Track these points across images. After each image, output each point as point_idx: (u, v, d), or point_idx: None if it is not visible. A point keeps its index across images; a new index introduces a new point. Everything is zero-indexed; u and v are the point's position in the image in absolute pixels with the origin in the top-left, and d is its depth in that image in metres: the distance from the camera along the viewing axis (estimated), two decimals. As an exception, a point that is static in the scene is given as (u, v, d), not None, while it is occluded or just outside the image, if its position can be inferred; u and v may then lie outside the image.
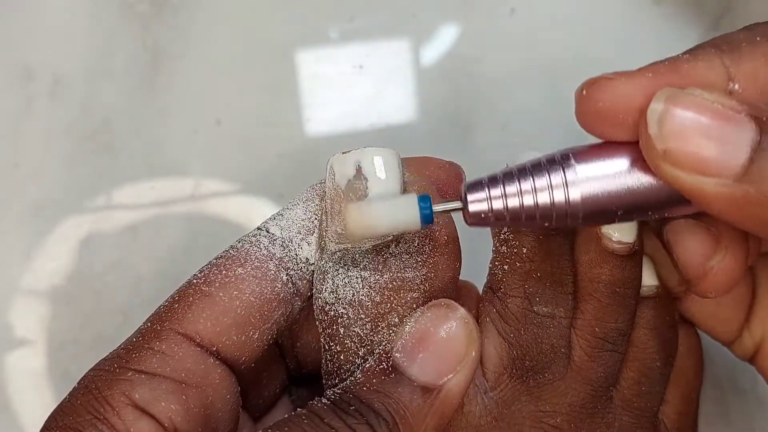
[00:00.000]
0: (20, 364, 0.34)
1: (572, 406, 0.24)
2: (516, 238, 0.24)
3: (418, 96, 0.36)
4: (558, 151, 0.20)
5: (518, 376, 0.24)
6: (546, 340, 0.24)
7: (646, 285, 0.24)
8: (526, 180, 0.19)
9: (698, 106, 0.17)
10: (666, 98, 0.18)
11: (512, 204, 0.19)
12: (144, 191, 0.35)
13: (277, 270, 0.21)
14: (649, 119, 0.18)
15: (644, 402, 0.25)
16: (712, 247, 0.21)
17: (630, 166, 0.19)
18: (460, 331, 0.20)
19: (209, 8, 0.37)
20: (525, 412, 0.24)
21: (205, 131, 0.36)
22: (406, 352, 0.20)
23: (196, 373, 0.20)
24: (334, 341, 0.22)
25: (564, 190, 0.19)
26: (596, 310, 0.24)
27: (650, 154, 0.18)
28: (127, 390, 0.19)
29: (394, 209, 0.20)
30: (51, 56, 0.36)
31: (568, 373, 0.24)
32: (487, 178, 0.20)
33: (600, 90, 0.19)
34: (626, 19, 0.37)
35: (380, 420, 0.19)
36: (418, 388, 0.20)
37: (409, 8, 0.37)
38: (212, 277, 0.20)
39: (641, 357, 0.25)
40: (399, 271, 0.21)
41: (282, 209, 0.22)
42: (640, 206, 0.19)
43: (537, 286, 0.24)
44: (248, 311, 0.20)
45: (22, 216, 0.35)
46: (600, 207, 0.19)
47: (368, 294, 0.21)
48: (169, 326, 0.20)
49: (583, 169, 0.19)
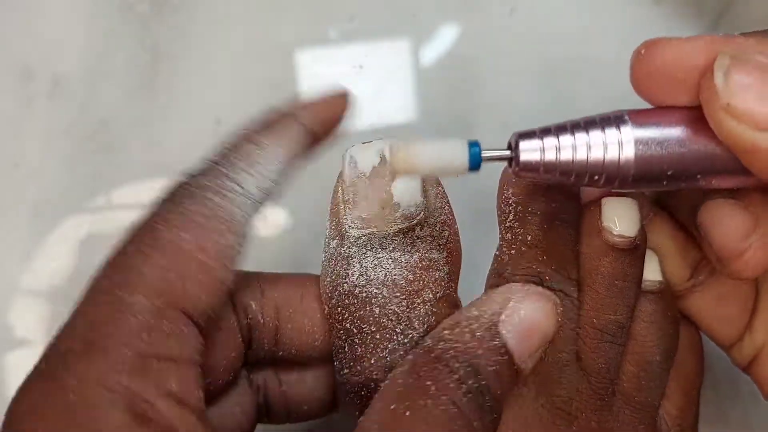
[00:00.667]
0: (20, 364, 0.34)
1: (582, 393, 0.24)
2: (521, 225, 0.24)
3: (417, 96, 0.36)
4: (611, 112, 0.20)
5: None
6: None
7: (649, 280, 0.25)
8: (580, 134, 0.19)
9: (763, 65, 0.18)
10: (732, 55, 0.18)
11: (564, 156, 0.19)
12: (144, 191, 0.35)
13: (242, 216, 0.20)
14: (716, 72, 0.18)
15: (644, 396, 0.25)
16: (751, 226, 0.21)
17: (684, 129, 0.19)
18: (552, 322, 0.20)
19: (209, 8, 0.37)
20: (540, 398, 0.24)
21: (205, 131, 0.36)
22: (515, 334, 0.20)
23: (200, 351, 0.19)
24: (367, 323, 0.22)
25: (618, 147, 0.19)
26: (594, 301, 0.24)
27: (713, 108, 0.18)
28: (160, 380, 0.17)
29: (443, 149, 0.19)
30: (51, 56, 0.36)
31: (573, 362, 0.24)
32: (539, 129, 0.20)
33: (661, 49, 0.19)
34: (626, 18, 0.37)
35: (500, 408, 0.19)
36: (516, 369, 0.20)
37: (408, 8, 0.37)
38: (206, 243, 0.19)
39: (640, 351, 0.25)
40: (427, 252, 0.22)
41: (242, 153, 0.21)
42: (689, 171, 0.19)
43: (544, 267, 0.24)
44: (225, 275, 0.19)
45: (21, 216, 0.35)
46: (651, 167, 0.19)
47: (402, 273, 0.22)
48: (172, 302, 0.18)
49: (638, 130, 0.19)
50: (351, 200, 0.22)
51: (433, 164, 0.19)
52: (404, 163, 0.19)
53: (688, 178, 0.20)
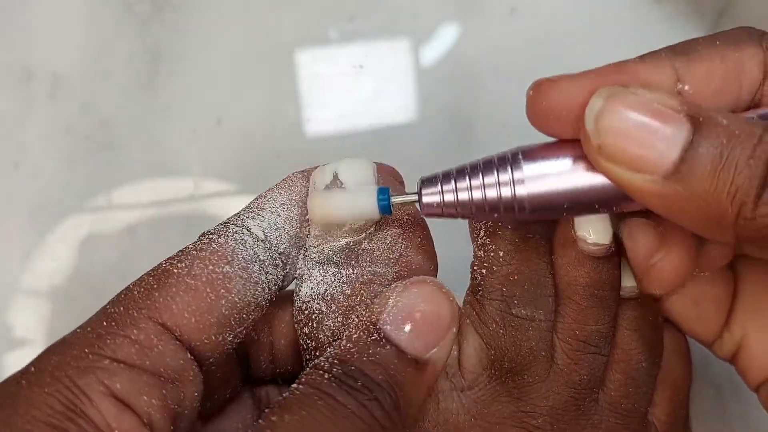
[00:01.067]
0: (20, 363, 0.33)
1: (554, 408, 0.24)
2: (493, 242, 0.24)
3: (418, 96, 0.36)
4: (510, 150, 0.21)
5: (497, 377, 0.24)
6: (525, 342, 0.24)
7: (627, 286, 0.24)
8: (477, 177, 0.21)
9: (636, 104, 0.18)
10: (606, 95, 0.18)
11: (462, 197, 0.21)
12: (144, 191, 0.35)
13: (259, 273, 0.21)
14: (587, 114, 0.18)
15: (632, 403, 0.25)
16: (656, 244, 0.22)
17: (575, 163, 0.20)
18: (445, 307, 0.20)
19: (209, 8, 0.37)
20: (506, 412, 0.24)
21: (205, 131, 0.36)
22: (396, 324, 0.20)
23: (174, 368, 0.19)
24: (310, 338, 0.22)
25: (511, 187, 0.20)
26: (575, 312, 0.24)
27: (588, 149, 0.19)
28: (106, 379, 0.17)
29: (354, 198, 0.21)
30: (51, 56, 0.36)
31: (550, 375, 0.24)
32: (442, 174, 0.21)
33: (545, 91, 0.20)
34: (627, 17, 0.37)
35: (385, 394, 0.19)
36: (412, 360, 0.20)
37: (408, 8, 0.37)
38: (197, 270, 0.20)
39: (626, 358, 0.25)
40: (369, 266, 0.22)
41: (254, 208, 0.22)
42: (585, 202, 0.20)
43: (515, 289, 0.24)
44: (231, 312, 0.20)
45: (22, 216, 0.35)
46: (546, 203, 0.20)
47: (340, 288, 0.22)
48: (147, 314, 0.19)
49: (530, 168, 0.20)
50: (310, 219, 0.22)
51: (346, 212, 0.21)
52: (320, 213, 0.21)
53: (587, 209, 0.20)
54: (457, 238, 0.27)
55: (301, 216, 0.22)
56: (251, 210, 0.22)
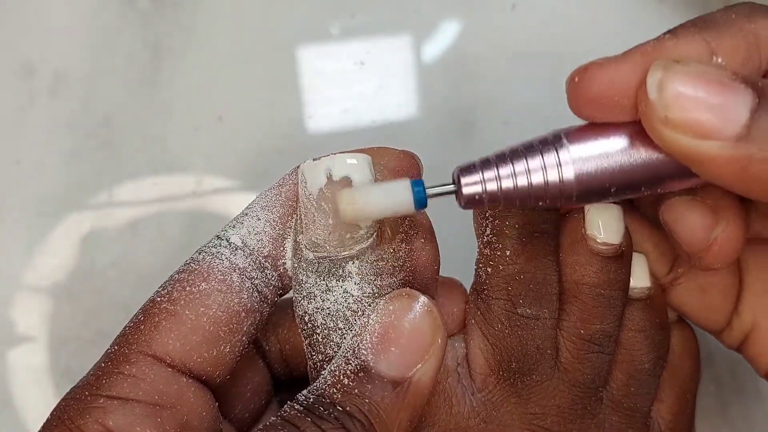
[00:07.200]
0: (22, 360, 0.34)
1: (561, 408, 0.24)
2: (500, 240, 0.24)
3: (419, 92, 0.36)
4: (549, 132, 0.20)
5: (505, 378, 0.24)
6: (531, 341, 0.23)
7: (637, 287, 0.24)
8: (519, 161, 0.20)
9: (696, 74, 0.18)
10: (663, 67, 0.18)
11: (506, 185, 0.20)
12: (145, 188, 0.35)
13: (241, 281, 0.20)
14: (649, 87, 0.18)
15: (634, 402, 0.25)
16: (712, 219, 0.21)
17: (622, 143, 0.19)
18: (424, 320, 0.20)
19: (210, 4, 0.37)
20: (515, 414, 0.24)
21: (207, 128, 0.36)
22: (372, 348, 0.20)
23: (170, 394, 0.19)
24: (315, 350, 0.22)
25: (558, 169, 0.19)
26: (581, 311, 0.24)
27: (651, 122, 0.18)
28: (101, 417, 0.18)
29: (388, 193, 0.19)
30: (52, 53, 0.36)
31: (555, 374, 0.24)
32: (480, 161, 0.20)
33: (593, 75, 0.19)
34: (628, 13, 0.37)
35: (355, 422, 0.19)
36: (388, 383, 0.19)
37: (410, 4, 0.37)
38: (176, 294, 0.20)
39: (629, 359, 0.24)
40: (375, 279, 0.21)
41: (239, 216, 0.22)
42: (633, 183, 0.20)
43: (520, 288, 0.23)
44: (216, 326, 0.20)
45: (23, 213, 0.35)
46: (593, 185, 0.19)
47: (346, 303, 0.21)
48: (137, 348, 0.19)
49: (576, 149, 0.19)
50: (303, 222, 0.21)
51: (380, 209, 0.19)
52: (352, 212, 0.19)
53: (633, 190, 0.20)
54: (460, 233, 0.27)
55: (284, 216, 0.22)
56: (236, 218, 0.22)
